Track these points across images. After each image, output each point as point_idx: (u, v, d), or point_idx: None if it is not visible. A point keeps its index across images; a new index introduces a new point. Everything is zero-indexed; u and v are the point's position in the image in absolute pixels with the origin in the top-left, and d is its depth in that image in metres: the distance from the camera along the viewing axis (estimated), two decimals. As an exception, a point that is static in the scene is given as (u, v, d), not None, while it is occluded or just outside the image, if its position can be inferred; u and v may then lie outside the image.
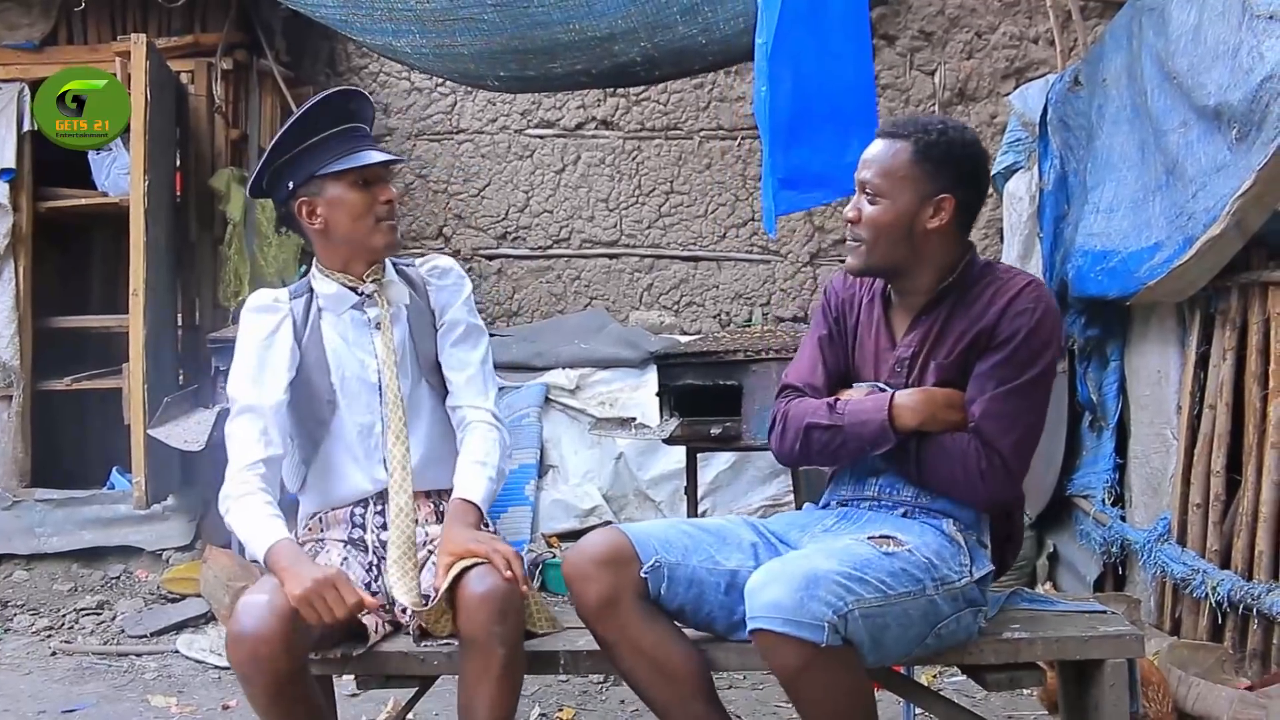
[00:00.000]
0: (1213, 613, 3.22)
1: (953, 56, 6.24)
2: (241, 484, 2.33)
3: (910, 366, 2.28)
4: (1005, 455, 2.18)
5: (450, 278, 2.60)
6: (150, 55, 4.86)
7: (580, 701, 3.56)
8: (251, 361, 2.44)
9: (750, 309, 6.33)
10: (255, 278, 5.46)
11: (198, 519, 5.23)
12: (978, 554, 2.23)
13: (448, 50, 4.60)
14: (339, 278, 2.49)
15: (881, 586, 2.02)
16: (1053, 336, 2.21)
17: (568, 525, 5.05)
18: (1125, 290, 3.53)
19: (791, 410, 2.34)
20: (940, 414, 2.21)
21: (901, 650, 2.12)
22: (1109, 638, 2.25)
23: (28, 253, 5.40)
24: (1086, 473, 4.14)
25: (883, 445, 2.23)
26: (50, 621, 4.58)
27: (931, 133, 2.24)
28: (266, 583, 2.19)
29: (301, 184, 2.41)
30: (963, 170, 2.25)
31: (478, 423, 2.49)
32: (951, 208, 2.23)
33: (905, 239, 2.24)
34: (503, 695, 2.16)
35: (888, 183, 2.24)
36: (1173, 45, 3.30)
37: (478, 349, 2.57)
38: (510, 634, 2.16)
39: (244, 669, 2.11)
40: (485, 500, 2.39)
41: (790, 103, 3.62)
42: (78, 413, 5.94)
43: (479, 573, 2.18)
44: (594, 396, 5.25)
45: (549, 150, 6.43)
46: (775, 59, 3.49)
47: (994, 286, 2.24)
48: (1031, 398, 2.20)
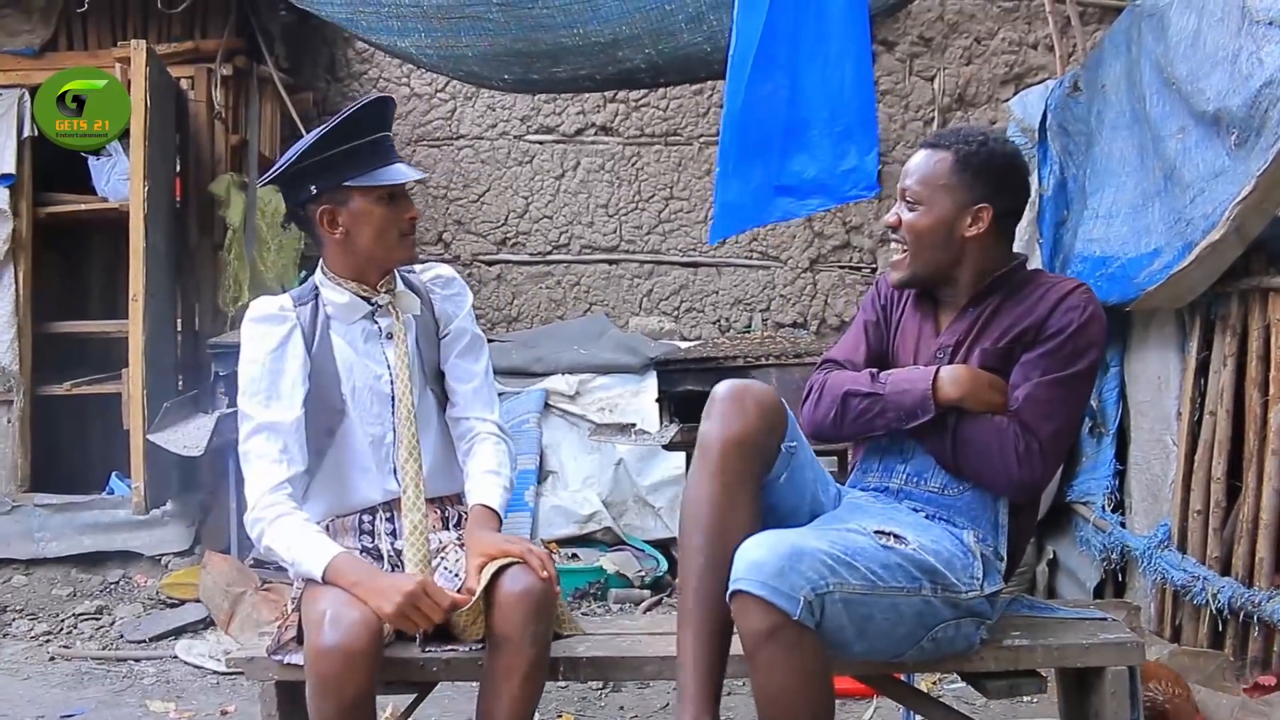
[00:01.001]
0: (1213, 620, 3.21)
1: (952, 62, 6.25)
2: (272, 506, 2.28)
3: (953, 353, 2.31)
4: (1044, 441, 2.20)
5: (454, 287, 2.60)
6: (150, 61, 4.87)
7: (580, 708, 3.56)
8: (263, 375, 2.37)
9: (750, 315, 6.33)
10: (255, 283, 5.47)
11: (197, 524, 5.22)
12: (992, 568, 2.23)
13: (452, 51, 4.60)
14: (351, 286, 2.45)
15: (870, 576, 2.03)
16: (1099, 338, 2.25)
17: (567, 531, 5.04)
18: (1125, 296, 3.52)
19: (830, 380, 2.37)
20: (983, 393, 2.23)
21: (890, 646, 2.11)
22: (1110, 645, 2.24)
23: (28, 258, 5.41)
24: (1086, 479, 4.13)
25: (922, 416, 2.24)
26: (49, 626, 4.57)
27: (972, 143, 2.30)
28: (345, 595, 2.15)
29: (327, 191, 2.37)
30: (1002, 180, 2.31)
31: (486, 435, 2.49)
32: (990, 217, 2.29)
33: (945, 245, 2.30)
34: (526, 695, 2.16)
35: (927, 190, 2.30)
36: (1172, 51, 3.30)
37: (481, 360, 2.57)
38: (543, 634, 2.17)
39: (328, 683, 2.06)
40: (502, 508, 2.39)
41: (787, 110, 3.63)
42: (77, 418, 5.94)
43: (515, 572, 2.18)
44: (594, 402, 5.25)
45: (548, 156, 6.44)
46: (768, 68, 3.51)
47: (1044, 287, 2.30)
48: (1075, 390, 2.24)
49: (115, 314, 5.49)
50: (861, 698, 3.44)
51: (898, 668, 2.28)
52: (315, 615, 2.13)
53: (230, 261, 5.46)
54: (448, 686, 2.83)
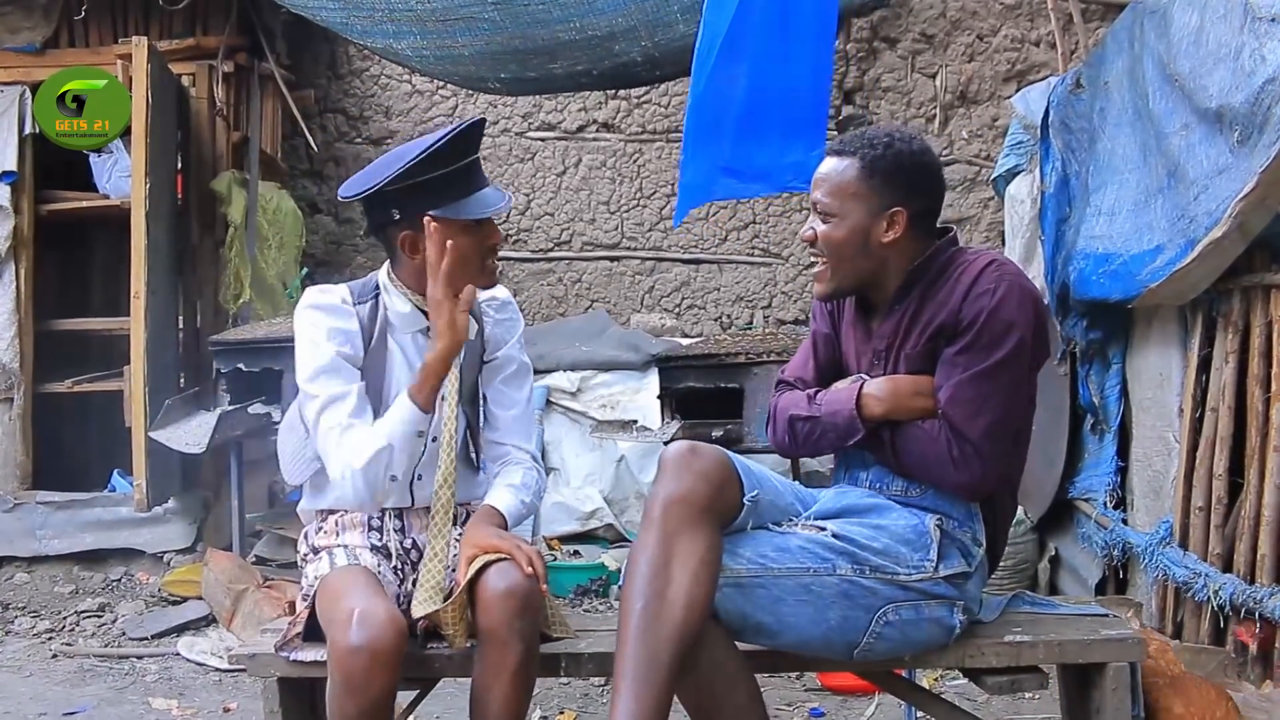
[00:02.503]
0: (1214, 616, 3.21)
1: (954, 59, 6.25)
2: (351, 428, 2.30)
3: (885, 358, 2.29)
4: (975, 441, 2.16)
5: (508, 312, 2.56)
6: (152, 58, 4.87)
7: (581, 704, 3.56)
8: (325, 356, 2.34)
9: (751, 312, 6.33)
10: (256, 280, 5.48)
11: (199, 521, 5.23)
12: (950, 552, 2.20)
13: (448, 52, 4.60)
14: (416, 299, 2.40)
15: (759, 560, 2.09)
16: (1016, 315, 2.16)
17: (568, 528, 5.05)
18: (1127, 293, 3.52)
19: (780, 403, 2.38)
20: (906, 402, 2.21)
21: (831, 634, 2.13)
22: (1111, 641, 2.25)
23: (29, 255, 5.41)
24: (1088, 476, 4.13)
25: (854, 435, 2.24)
26: (51, 624, 4.58)
27: (878, 147, 2.23)
28: (367, 592, 2.14)
29: (409, 217, 2.31)
30: (913, 181, 2.24)
31: (519, 462, 2.48)
32: (905, 220, 2.23)
33: (862, 254, 2.25)
34: (516, 692, 2.15)
35: (837, 201, 2.24)
36: (1174, 48, 3.29)
37: (524, 388, 2.55)
38: (529, 630, 2.16)
39: (354, 682, 2.04)
40: (512, 516, 2.37)
41: (745, 97, 3.74)
42: (79, 415, 5.95)
43: (500, 568, 2.17)
44: (595, 399, 5.25)
45: (550, 153, 6.44)
46: (731, 56, 3.63)
47: (957, 271, 2.23)
48: (999, 380, 2.17)
49: (117, 311, 5.49)
50: (864, 695, 3.45)
51: (885, 662, 2.26)
52: (340, 613, 2.10)
53: (231, 259, 5.46)
54: (449, 683, 2.83)
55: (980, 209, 6.28)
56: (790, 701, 3.47)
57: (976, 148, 6.29)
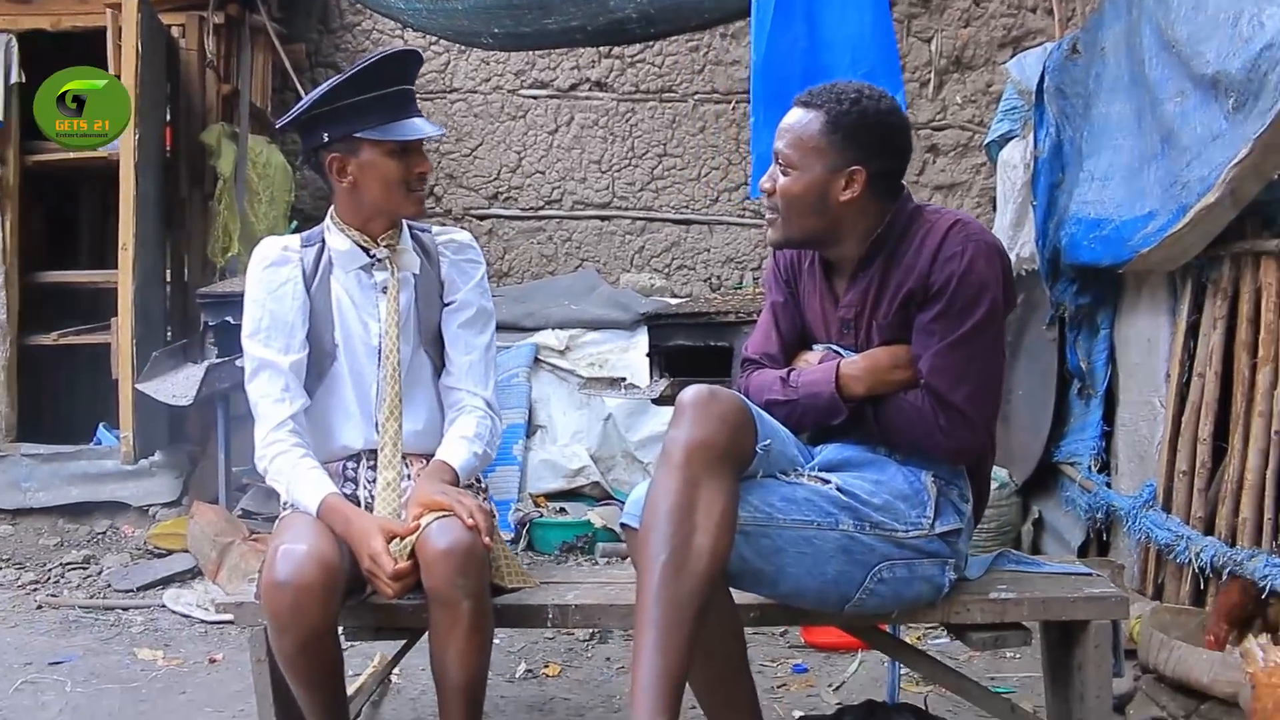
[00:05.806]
0: (1195, 578, 3.24)
1: (950, 24, 6.22)
2: (274, 444, 2.36)
3: (855, 327, 2.27)
4: (960, 408, 2.15)
5: (466, 254, 2.57)
6: (141, 7, 4.82)
7: (566, 659, 3.58)
8: (264, 315, 2.42)
9: (741, 273, 6.33)
10: (245, 234, 5.44)
11: (185, 474, 5.22)
12: (945, 509, 2.21)
13: (441, 5, 4.57)
14: (354, 235, 2.46)
15: (766, 509, 2.07)
16: (989, 275, 2.14)
17: (555, 485, 5.05)
18: (1118, 258, 3.53)
19: (751, 386, 2.34)
20: (887, 376, 2.20)
21: (826, 587, 2.12)
22: (1094, 599, 2.27)
23: (15, 207, 5.36)
24: (1074, 440, 4.15)
25: (837, 415, 2.22)
26: (36, 576, 4.57)
27: (844, 102, 2.18)
28: (301, 530, 2.18)
29: (338, 139, 2.37)
30: (877, 141, 2.19)
31: (474, 409, 2.48)
32: (863, 179, 2.18)
33: (818, 210, 2.20)
34: (472, 649, 2.14)
35: (798, 154, 2.20)
36: (1173, 13, 3.28)
37: (484, 334, 2.55)
38: (474, 586, 2.13)
39: (281, 619, 2.08)
40: (464, 470, 2.38)
41: (808, 56, 3.70)
42: (65, 368, 5.92)
43: (441, 526, 2.15)
44: (584, 357, 5.24)
45: (542, 111, 6.40)
46: (788, 17, 3.59)
47: (922, 233, 2.19)
48: (977, 344, 2.15)
49: (104, 264, 5.47)
50: (847, 651, 3.48)
51: (874, 617, 2.26)
52: (270, 551, 2.16)
53: (220, 212, 5.43)
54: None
55: (972, 174, 6.27)
56: (774, 658, 3.49)
57: (970, 113, 6.28)
